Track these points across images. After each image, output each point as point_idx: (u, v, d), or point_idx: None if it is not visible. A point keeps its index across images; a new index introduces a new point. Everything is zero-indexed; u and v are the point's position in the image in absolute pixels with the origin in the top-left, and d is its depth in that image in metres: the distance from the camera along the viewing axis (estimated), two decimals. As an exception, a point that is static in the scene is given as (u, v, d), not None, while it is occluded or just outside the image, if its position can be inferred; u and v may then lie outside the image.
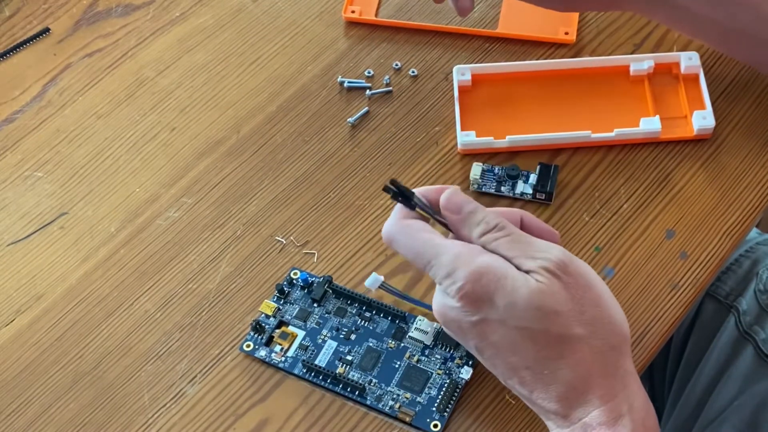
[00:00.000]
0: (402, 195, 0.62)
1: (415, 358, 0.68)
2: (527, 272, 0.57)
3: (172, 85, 0.86)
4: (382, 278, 0.69)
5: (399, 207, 0.62)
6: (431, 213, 0.62)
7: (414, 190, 0.62)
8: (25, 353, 0.71)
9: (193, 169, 0.80)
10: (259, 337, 0.70)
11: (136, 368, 0.70)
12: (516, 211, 0.63)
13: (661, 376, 0.92)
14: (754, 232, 0.93)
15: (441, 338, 0.69)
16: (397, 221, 0.61)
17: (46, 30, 0.90)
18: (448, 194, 0.61)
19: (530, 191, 0.76)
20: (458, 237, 0.61)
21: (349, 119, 0.82)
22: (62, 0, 0.92)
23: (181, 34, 0.89)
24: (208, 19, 0.90)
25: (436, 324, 0.69)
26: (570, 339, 0.57)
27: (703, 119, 0.78)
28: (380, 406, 0.67)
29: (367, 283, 0.69)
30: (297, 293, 0.72)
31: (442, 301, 0.60)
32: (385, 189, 0.61)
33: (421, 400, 0.67)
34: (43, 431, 0.68)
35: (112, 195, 0.79)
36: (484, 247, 0.59)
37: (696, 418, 0.85)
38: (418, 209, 0.62)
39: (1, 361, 0.71)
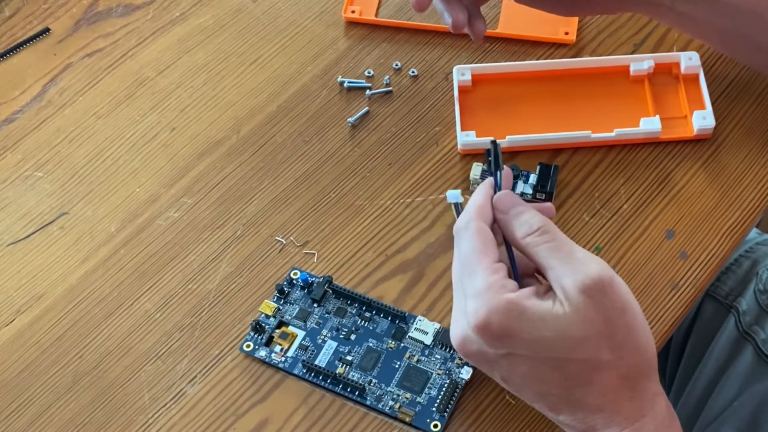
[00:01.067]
0: (495, 162, 0.61)
1: (415, 358, 0.68)
2: (562, 289, 0.56)
3: (172, 85, 0.86)
4: (462, 200, 0.64)
5: (479, 204, 0.60)
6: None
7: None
8: (25, 353, 0.71)
9: (193, 169, 0.80)
10: (259, 337, 0.70)
11: (136, 368, 0.70)
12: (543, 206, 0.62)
13: (661, 376, 0.92)
14: (754, 232, 0.93)
15: (441, 338, 0.69)
16: (472, 219, 0.60)
17: (46, 30, 0.90)
18: (501, 194, 0.61)
19: (530, 191, 0.76)
20: (505, 235, 0.60)
21: (349, 119, 0.82)
22: (62, 0, 0.92)
23: (181, 34, 0.89)
24: (208, 19, 0.90)
25: (436, 324, 0.69)
26: (598, 364, 0.56)
27: (703, 119, 0.78)
28: (380, 406, 0.67)
29: (449, 195, 0.63)
30: (297, 293, 0.72)
31: (462, 333, 0.58)
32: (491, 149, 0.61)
33: (421, 400, 0.67)
34: (43, 431, 0.68)
35: (112, 195, 0.79)
36: (525, 249, 0.58)
37: (696, 418, 0.85)
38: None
39: (1, 361, 0.71)
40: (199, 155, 0.81)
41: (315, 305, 0.71)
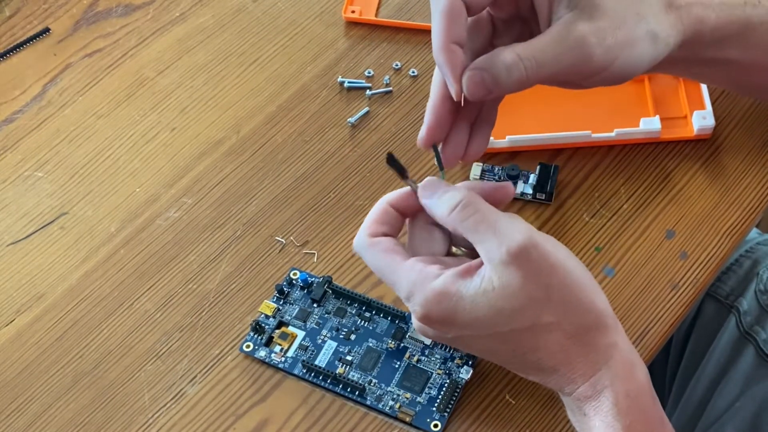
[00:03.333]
0: (398, 171, 0.62)
1: (415, 358, 0.68)
2: (490, 262, 0.57)
3: (172, 85, 0.86)
4: None
5: (367, 221, 0.62)
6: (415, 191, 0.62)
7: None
8: (25, 353, 0.71)
9: (193, 169, 0.80)
10: (259, 337, 0.70)
11: (136, 368, 0.70)
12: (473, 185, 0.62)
13: (662, 377, 0.92)
14: (754, 232, 0.93)
15: (441, 338, 0.69)
16: (364, 237, 0.61)
17: (46, 30, 0.90)
18: (426, 181, 0.61)
19: (530, 191, 0.76)
20: (434, 218, 0.61)
21: (350, 119, 0.82)
22: (62, 0, 0.92)
23: (181, 34, 0.89)
24: (208, 19, 0.90)
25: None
26: (541, 329, 0.57)
27: (703, 119, 0.78)
28: (380, 406, 0.67)
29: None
30: (297, 293, 0.72)
31: (416, 325, 0.60)
32: (387, 161, 0.62)
33: (421, 400, 0.67)
34: (43, 431, 0.68)
35: (112, 195, 0.79)
36: (452, 228, 0.59)
37: (698, 419, 0.85)
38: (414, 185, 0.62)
39: (1, 361, 0.71)
40: (199, 155, 0.81)
41: (315, 305, 0.71)
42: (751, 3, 0.67)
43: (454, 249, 0.62)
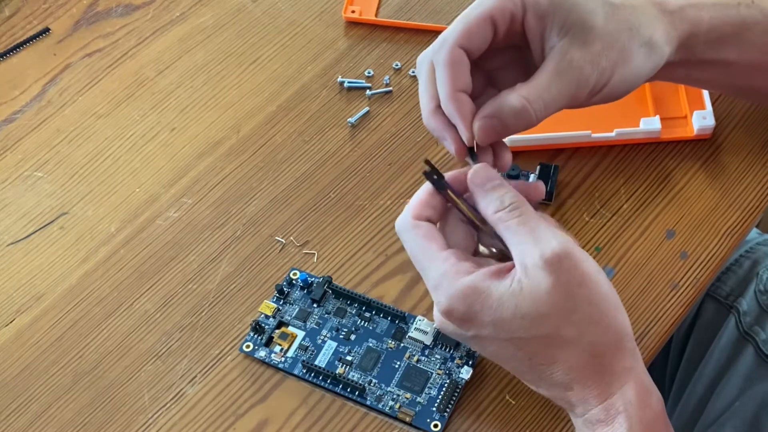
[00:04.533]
0: (434, 174, 0.61)
1: (415, 358, 0.68)
2: (523, 266, 0.56)
3: (172, 85, 0.86)
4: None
5: (413, 202, 0.61)
6: (456, 195, 0.61)
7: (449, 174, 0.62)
8: (25, 353, 0.71)
9: (193, 169, 0.80)
10: (259, 337, 0.70)
11: (136, 368, 0.70)
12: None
13: (661, 377, 0.92)
14: (754, 233, 0.93)
15: (441, 338, 0.69)
16: (408, 219, 0.61)
17: (46, 30, 0.90)
18: (478, 167, 0.61)
19: (530, 191, 0.75)
20: (477, 210, 0.61)
21: (350, 119, 0.82)
22: (62, 0, 0.92)
23: (181, 34, 0.89)
24: (208, 19, 0.90)
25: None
26: (560, 342, 0.57)
27: (703, 119, 0.78)
28: (380, 406, 0.67)
29: None
30: (296, 294, 0.72)
31: (437, 318, 0.60)
32: (425, 173, 0.61)
33: (421, 400, 0.67)
34: (43, 431, 0.68)
35: (112, 195, 0.79)
36: (495, 225, 0.59)
37: (697, 419, 0.85)
38: (448, 192, 0.61)
39: (1, 361, 0.71)
40: (199, 155, 0.81)
41: (315, 305, 0.71)
42: (745, 3, 0.68)
43: (481, 249, 0.62)
